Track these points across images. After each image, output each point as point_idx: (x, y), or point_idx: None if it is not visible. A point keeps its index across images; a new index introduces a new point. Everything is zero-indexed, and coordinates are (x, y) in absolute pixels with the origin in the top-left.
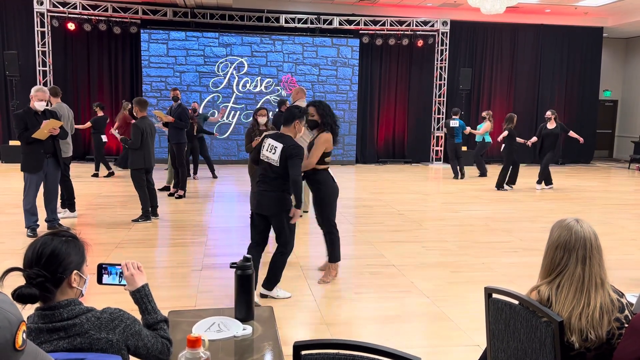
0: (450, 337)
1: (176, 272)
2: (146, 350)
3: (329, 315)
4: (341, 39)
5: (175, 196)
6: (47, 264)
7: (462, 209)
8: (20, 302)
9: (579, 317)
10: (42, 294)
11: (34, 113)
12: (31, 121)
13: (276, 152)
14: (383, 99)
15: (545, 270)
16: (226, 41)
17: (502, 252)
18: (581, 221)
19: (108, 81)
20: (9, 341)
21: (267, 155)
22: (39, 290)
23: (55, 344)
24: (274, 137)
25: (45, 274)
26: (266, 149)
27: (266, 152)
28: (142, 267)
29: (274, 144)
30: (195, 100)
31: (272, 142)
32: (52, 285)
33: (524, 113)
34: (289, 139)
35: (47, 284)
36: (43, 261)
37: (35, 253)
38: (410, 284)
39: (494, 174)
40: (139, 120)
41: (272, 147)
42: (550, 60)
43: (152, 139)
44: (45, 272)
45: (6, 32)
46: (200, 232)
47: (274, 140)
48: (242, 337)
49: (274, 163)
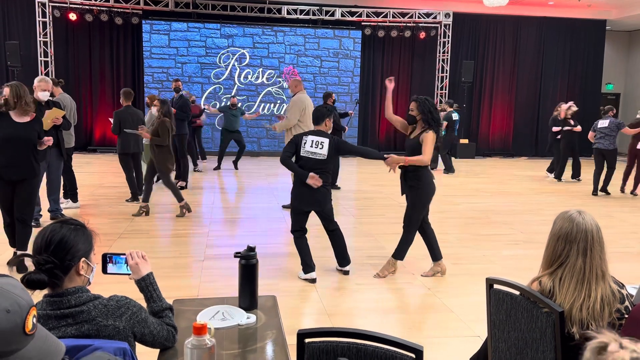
0: (451, 328)
1: (178, 262)
2: (152, 337)
3: (331, 306)
4: (343, 31)
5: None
6: (56, 251)
7: (463, 201)
8: (29, 287)
9: (579, 309)
10: (51, 280)
11: (37, 103)
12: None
13: (324, 146)
14: (384, 91)
15: (547, 261)
16: (228, 32)
17: (503, 244)
18: (584, 213)
19: (109, 72)
20: (19, 325)
21: (314, 151)
22: (48, 277)
23: (63, 331)
24: (314, 133)
25: (54, 260)
26: (310, 146)
27: (311, 149)
28: (146, 256)
29: (319, 139)
30: (196, 93)
31: (315, 138)
32: (60, 272)
33: (526, 106)
34: (328, 134)
35: (55, 271)
36: (52, 248)
37: (45, 240)
38: (411, 276)
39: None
40: (122, 109)
41: (318, 142)
42: (552, 53)
43: (134, 127)
44: (54, 259)
45: (8, 22)
46: (202, 223)
47: (317, 137)
48: (246, 326)
49: (322, 157)
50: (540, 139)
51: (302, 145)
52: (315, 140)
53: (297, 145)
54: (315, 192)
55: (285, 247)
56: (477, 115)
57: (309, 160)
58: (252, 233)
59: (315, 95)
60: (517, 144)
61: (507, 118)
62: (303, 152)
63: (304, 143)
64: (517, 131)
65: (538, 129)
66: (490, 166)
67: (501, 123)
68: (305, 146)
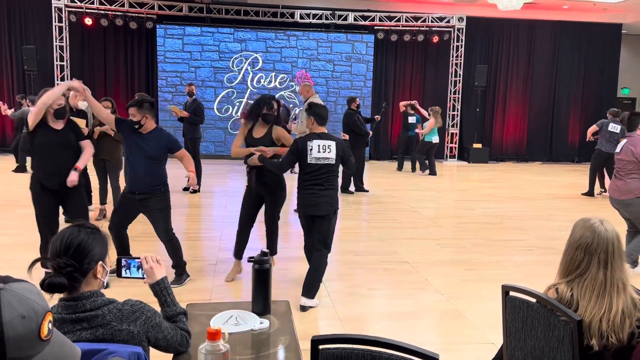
0: (465, 334)
1: (191, 266)
2: (166, 341)
3: (343, 311)
4: (356, 35)
5: (190, 190)
6: (75, 255)
7: (477, 206)
8: (50, 291)
9: (599, 321)
10: (70, 283)
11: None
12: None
13: (332, 149)
14: (397, 95)
15: (564, 269)
16: (241, 37)
17: (517, 250)
18: (605, 222)
19: (124, 76)
20: (34, 331)
21: (323, 156)
22: (68, 280)
23: (78, 335)
24: (319, 137)
25: (74, 263)
26: (317, 151)
27: (319, 154)
28: (161, 260)
29: (326, 143)
30: (209, 97)
31: (322, 142)
32: (79, 275)
33: (540, 110)
34: (333, 136)
35: (75, 274)
36: (71, 252)
37: (64, 244)
38: (424, 281)
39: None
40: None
41: (325, 146)
42: (567, 57)
43: None
44: (74, 262)
45: (25, 27)
46: (215, 227)
47: (323, 140)
48: (260, 331)
49: (332, 161)
50: (554, 144)
51: (308, 151)
52: (322, 145)
53: (301, 152)
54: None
55: (299, 251)
56: (490, 119)
57: (318, 167)
58: (265, 236)
59: (327, 100)
60: (531, 148)
61: (521, 123)
62: (310, 159)
63: (309, 149)
64: (531, 136)
65: (552, 134)
66: (504, 171)
67: (515, 128)
68: (312, 152)
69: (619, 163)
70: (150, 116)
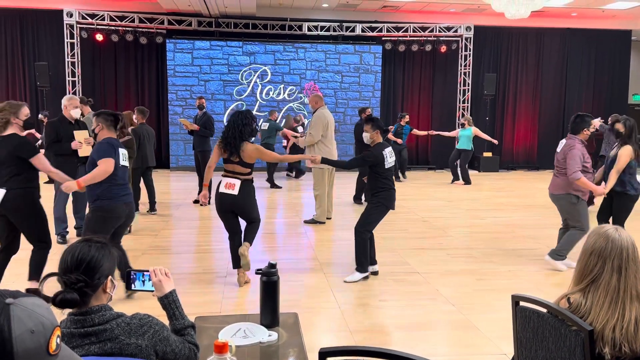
0: (477, 345)
1: (201, 278)
2: (174, 355)
3: (353, 323)
4: (364, 46)
5: (200, 203)
6: (87, 270)
7: (487, 215)
8: (62, 306)
9: (612, 329)
10: (81, 299)
11: (67, 122)
12: (65, 130)
13: (393, 154)
14: (406, 105)
15: (578, 274)
16: (250, 50)
17: (529, 259)
18: (620, 230)
19: (135, 90)
20: (42, 346)
21: (391, 161)
22: (79, 295)
23: (86, 349)
24: (386, 146)
25: (86, 279)
26: (389, 157)
27: (390, 159)
28: (169, 273)
29: (391, 149)
30: (218, 110)
31: (389, 149)
32: (90, 290)
33: (550, 118)
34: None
35: (86, 289)
36: (83, 267)
37: (75, 259)
38: (435, 292)
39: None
40: (138, 127)
41: (391, 152)
42: (577, 65)
43: (149, 143)
44: (86, 278)
45: (37, 44)
46: (225, 239)
47: (388, 147)
48: (268, 343)
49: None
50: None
51: (385, 158)
52: (390, 151)
53: (378, 160)
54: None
55: (307, 263)
56: (500, 128)
57: (390, 170)
58: (274, 248)
59: (336, 110)
60: (542, 156)
61: (531, 131)
62: (387, 164)
63: (385, 156)
64: (541, 144)
65: None
66: (515, 179)
67: (525, 136)
68: (388, 159)
69: (556, 161)
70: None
